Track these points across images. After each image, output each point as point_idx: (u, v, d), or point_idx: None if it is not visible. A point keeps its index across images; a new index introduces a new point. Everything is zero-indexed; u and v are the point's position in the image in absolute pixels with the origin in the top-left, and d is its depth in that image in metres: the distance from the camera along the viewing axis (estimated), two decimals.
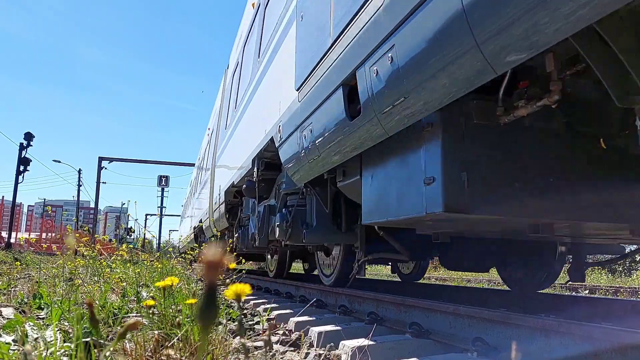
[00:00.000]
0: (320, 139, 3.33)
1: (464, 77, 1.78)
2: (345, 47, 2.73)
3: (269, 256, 8.10)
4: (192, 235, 13.51)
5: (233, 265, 2.57)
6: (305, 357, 2.19)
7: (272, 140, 4.58)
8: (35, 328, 1.69)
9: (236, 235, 7.52)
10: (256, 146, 5.37)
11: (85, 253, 3.72)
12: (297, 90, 3.75)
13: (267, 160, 5.33)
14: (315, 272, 6.99)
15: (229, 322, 2.56)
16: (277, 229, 4.83)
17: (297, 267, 13.98)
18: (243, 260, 6.76)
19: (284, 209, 4.96)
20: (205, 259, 0.45)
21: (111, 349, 0.94)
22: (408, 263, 7.62)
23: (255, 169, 5.50)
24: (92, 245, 4.18)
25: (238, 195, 7.69)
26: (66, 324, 1.91)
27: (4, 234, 20.21)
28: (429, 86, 1.97)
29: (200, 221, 11.90)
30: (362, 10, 2.47)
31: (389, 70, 2.18)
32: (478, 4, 1.54)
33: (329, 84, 3.05)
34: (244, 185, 6.15)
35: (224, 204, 8.21)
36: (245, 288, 0.85)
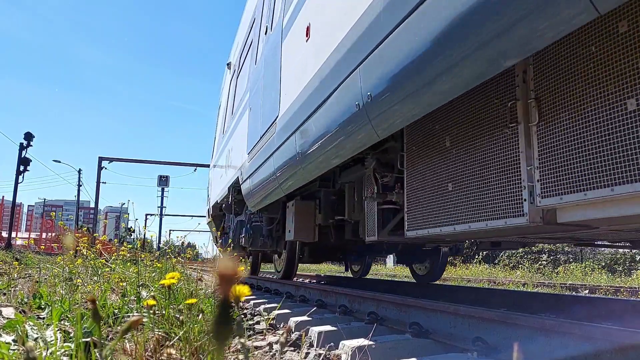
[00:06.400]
0: (258, 187, 5.19)
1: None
2: (266, 142, 4.64)
3: (246, 257, 9.52)
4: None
5: (241, 268, 2.65)
6: (305, 357, 2.19)
7: (238, 178, 6.48)
8: (35, 328, 1.70)
9: (220, 241, 9.41)
10: (230, 179, 7.33)
11: (85, 253, 3.73)
12: (248, 153, 5.72)
13: (238, 188, 6.83)
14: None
15: None
16: (243, 239, 6.90)
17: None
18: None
19: (248, 224, 6.88)
20: (219, 271, 0.43)
21: (112, 347, 0.94)
22: (356, 263, 9.80)
23: (230, 195, 7.38)
24: (92, 245, 4.18)
25: (222, 210, 9.38)
26: (66, 324, 1.92)
27: (4, 234, 20.21)
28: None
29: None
30: (271, 126, 4.39)
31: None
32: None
33: (261, 158, 4.88)
34: (224, 205, 8.32)
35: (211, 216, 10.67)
36: (244, 289, 0.85)
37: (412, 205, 3.08)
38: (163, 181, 37.84)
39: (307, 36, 3.50)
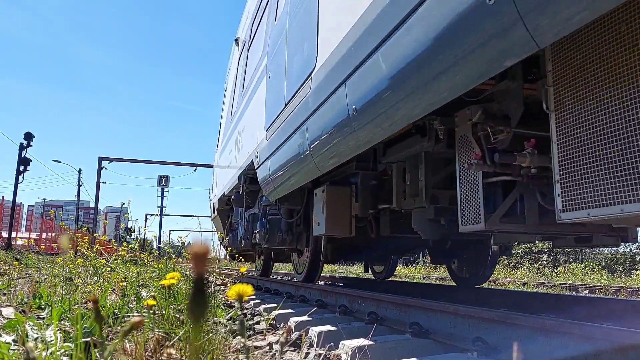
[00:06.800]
0: (281, 169, 4.28)
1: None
2: (294, 109, 3.74)
3: (256, 257, 8.80)
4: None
5: (244, 269, 2.66)
6: (305, 357, 2.19)
7: (252, 162, 5.58)
8: (35, 328, 1.70)
9: (227, 238, 8.47)
10: (242, 165, 6.34)
11: (85, 253, 3.73)
12: (266, 130, 4.77)
13: (251, 176, 6.09)
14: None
15: (229, 322, 2.56)
16: (257, 235, 5.95)
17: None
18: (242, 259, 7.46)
19: (263, 218, 5.93)
20: (193, 251, 0.47)
21: (112, 348, 0.94)
22: (379, 263, 8.65)
23: (242, 185, 6.49)
24: (92, 245, 4.18)
25: (230, 203, 8.34)
26: (66, 324, 1.92)
27: (4, 234, 20.23)
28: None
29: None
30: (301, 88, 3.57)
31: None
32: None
33: (285, 132, 3.98)
34: (233, 196, 7.19)
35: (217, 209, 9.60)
36: (247, 289, 0.85)
37: (574, 170, 1.95)
38: (163, 181, 37.85)
39: None
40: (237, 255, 8.14)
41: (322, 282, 8.62)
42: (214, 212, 10.20)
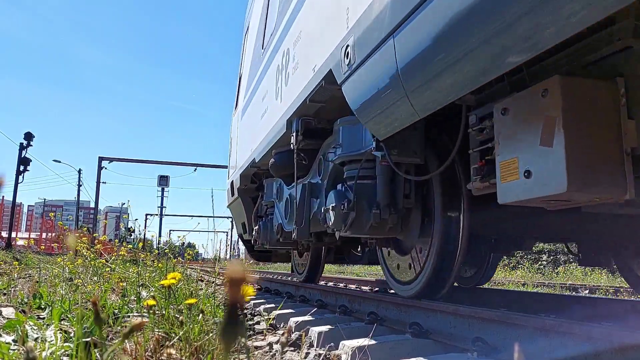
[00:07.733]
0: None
1: None
2: None
3: (296, 254, 6.42)
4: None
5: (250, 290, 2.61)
6: (305, 357, 2.19)
7: (326, 78, 2.95)
8: (35, 328, 1.70)
9: (255, 227, 5.80)
10: (296, 98, 3.63)
11: (85, 253, 3.73)
12: None
13: (309, 119, 3.77)
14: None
15: None
16: (332, 214, 3.22)
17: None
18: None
19: (340, 185, 3.40)
20: (228, 275, 0.44)
21: (113, 350, 0.94)
22: (469, 263, 5.59)
23: (294, 134, 3.76)
24: (92, 245, 4.19)
25: (256, 179, 5.99)
26: (66, 324, 1.92)
27: (4, 234, 20.24)
28: None
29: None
30: None
31: None
32: None
33: None
34: (271, 160, 4.52)
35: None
36: (248, 289, 0.85)
37: None
38: (163, 181, 37.90)
39: None
40: (258, 253, 6.62)
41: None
42: (232, 194, 7.08)
